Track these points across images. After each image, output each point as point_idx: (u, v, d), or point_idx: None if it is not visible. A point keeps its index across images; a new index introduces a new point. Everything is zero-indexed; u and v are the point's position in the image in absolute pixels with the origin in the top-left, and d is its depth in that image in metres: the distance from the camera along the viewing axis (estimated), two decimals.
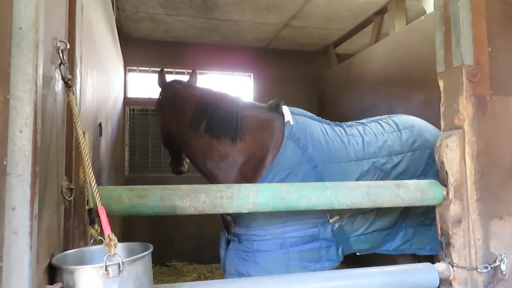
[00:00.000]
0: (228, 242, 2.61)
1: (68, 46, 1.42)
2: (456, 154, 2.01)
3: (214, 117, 2.60)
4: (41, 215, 1.16)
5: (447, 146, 2.02)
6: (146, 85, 6.25)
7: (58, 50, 1.35)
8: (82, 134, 1.46)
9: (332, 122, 2.76)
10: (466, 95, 2.01)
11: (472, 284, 1.91)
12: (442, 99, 2.17)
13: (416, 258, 2.84)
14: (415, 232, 2.60)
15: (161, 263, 5.53)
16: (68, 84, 1.41)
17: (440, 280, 1.94)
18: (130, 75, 6.21)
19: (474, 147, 2.00)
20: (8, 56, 1.07)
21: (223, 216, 2.60)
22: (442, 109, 2.17)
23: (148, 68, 6.25)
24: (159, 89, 3.22)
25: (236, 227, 2.47)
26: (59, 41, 1.36)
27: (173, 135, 2.87)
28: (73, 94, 1.43)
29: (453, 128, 2.06)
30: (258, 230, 2.36)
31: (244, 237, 2.41)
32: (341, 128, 2.69)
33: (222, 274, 5.17)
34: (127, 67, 6.02)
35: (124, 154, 5.84)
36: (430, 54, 3.88)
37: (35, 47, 1.10)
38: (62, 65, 1.37)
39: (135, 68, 6.19)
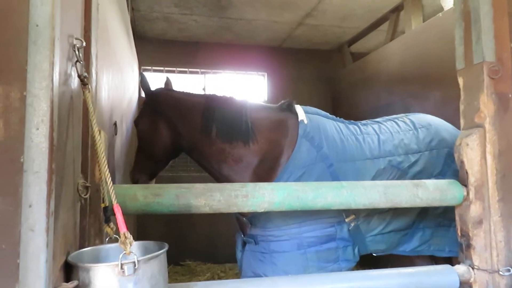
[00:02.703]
0: (244, 243, 2.58)
1: (84, 44, 1.42)
2: (476, 153, 1.95)
3: (223, 121, 2.56)
4: (57, 213, 1.16)
5: (467, 145, 1.97)
6: (160, 85, 6.27)
7: (74, 47, 1.35)
8: (98, 132, 1.46)
9: (346, 121, 2.72)
10: (487, 93, 1.96)
11: (494, 287, 1.86)
12: (462, 97, 2.12)
13: (434, 260, 2.79)
14: (433, 233, 2.54)
15: (175, 263, 5.55)
16: (84, 82, 1.41)
17: (460, 282, 1.89)
18: (145, 75, 6.24)
19: (495, 146, 1.94)
20: (24, 53, 1.07)
21: (238, 217, 2.58)
22: (461, 107, 2.12)
23: (162, 68, 6.28)
24: (149, 95, 3.02)
25: (252, 228, 2.45)
26: (75, 38, 1.36)
27: (180, 143, 2.78)
28: (89, 92, 1.43)
29: (473, 127, 2.01)
30: (274, 231, 2.33)
31: (260, 238, 2.39)
32: (355, 127, 2.65)
33: (236, 274, 5.18)
34: (142, 67, 6.06)
35: None
36: (448, 52, 3.82)
37: (51, 44, 1.09)
38: (78, 63, 1.37)
39: (150, 68, 6.22)
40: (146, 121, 2.91)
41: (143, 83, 3.03)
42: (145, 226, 5.13)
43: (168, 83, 3.17)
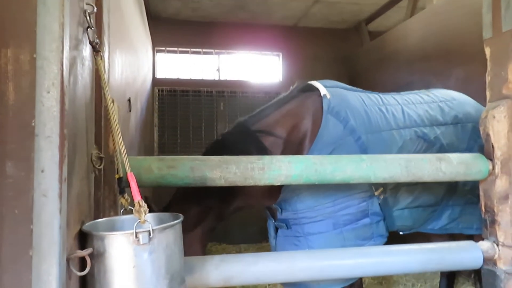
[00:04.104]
0: (276, 229, 2.51)
1: (95, 10, 1.38)
2: (503, 126, 1.86)
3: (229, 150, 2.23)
4: (70, 180, 1.13)
5: (494, 117, 1.88)
6: (174, 66, 6.25)
7: (85, 13, 1.31)
8: (111, 101, 1.43)
9: (366, 91, 2.62)
10: None
11: None
12: (489, 68, 2.01)
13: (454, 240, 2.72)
14: (462, 211, 2.46)
15: None
16: (96, 49, 1.37)
17: (484, 259, 1.83)
18: (159, 56, 6.21)
19: None
20: (34, 14, 1.03)
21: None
22: (488, 78, 2.02)
23: (176, 49, 6.23)
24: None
25: (283, 212, 2.36)
26: (86, 3, 1.32)
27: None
28: (101, 59, 1.39)
29: (500, 98, 1.91)
30: (307, 212, 2.25)
31: (293, 221, 2.31)
32: (377, 96, 2.55)
33: None
34: (156, 48, 6.02)
35: (154, 134, 5.89)
36: (471, 27, 3.68)
37: (61, 5, 1.05)
38: (89, 29, 1.33)
39: (163, 48, 6.18)
40: None
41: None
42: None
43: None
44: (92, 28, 1.34)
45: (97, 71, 1.44)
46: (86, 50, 1.36)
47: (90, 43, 1.35)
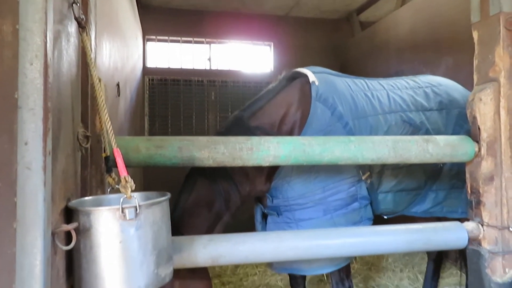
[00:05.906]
0: (264, 215, 2.52)
1: None
2: (490, 108, 1.89)
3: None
4: (55, 155, 1.12)
5: (481, 99, 1.90)
6: (165, 55, 6.20)
7: None
8: (98, 80, 1.41)
9: (352, 76, 2.63)
10: (504, 45, 1.87)
11: (503, 244, 1.82)
12: (476, 52, 2.03)
13: None
14: (446, 195, 2.49)
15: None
16: (82, 25, 1.35)
17: (468, 239, 1.86)
18: (149, 44, 6.15)
19: (510, 100, 1.87)
20: None
21: None
22: (475, 62, 2.03)
23: (166, 38, 6.17)
24: None
25: (274, 200, 2.38)
26: None
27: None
28: (86, 35, 1.37)
29: (487, 81, 1.93)
30: (298, 199, 2.27)
31: (284, 208, 2.33)
32: (362, 82, 2.56)
33: None
34: (146, 37, 5.96)
35: (144, 123, 5.85)
36: (460, 14, 3.71)
37: None
38: (74, 5, 1.31)
39: (154, 37, 6.12)
40: None
41: None
42: None
43: None
44: (78, 4, 1.32)
45: (83, 49, 1.42)
46: (72, 26, 1.34)
47: (76, 18, 1.33)
